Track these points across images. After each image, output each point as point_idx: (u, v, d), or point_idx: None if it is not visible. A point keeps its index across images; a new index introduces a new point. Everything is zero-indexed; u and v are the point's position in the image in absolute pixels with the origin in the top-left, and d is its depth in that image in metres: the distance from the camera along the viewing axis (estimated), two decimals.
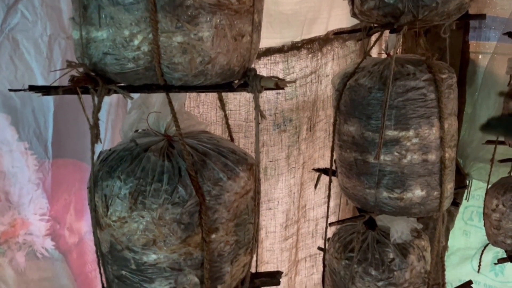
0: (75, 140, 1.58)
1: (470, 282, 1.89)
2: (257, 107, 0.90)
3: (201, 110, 1.75)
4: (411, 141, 1.35)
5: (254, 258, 1.08)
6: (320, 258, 1.88)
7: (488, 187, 2.23)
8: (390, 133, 1.35)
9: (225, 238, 0.91)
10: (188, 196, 0.84)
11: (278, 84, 0.86)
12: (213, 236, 0.88)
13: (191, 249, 0.87)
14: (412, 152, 1.36)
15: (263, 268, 2.24)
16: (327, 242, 1.72)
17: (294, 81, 1.82)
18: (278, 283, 1.07)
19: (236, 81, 0.89)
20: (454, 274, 3.10)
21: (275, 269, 2.25)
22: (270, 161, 2.03)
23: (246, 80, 0.88)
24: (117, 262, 0.90)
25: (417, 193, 1.38)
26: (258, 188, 0.99)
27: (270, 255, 2.22)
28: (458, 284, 1.87)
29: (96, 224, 0.90)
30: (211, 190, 0.87)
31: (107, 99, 1.56)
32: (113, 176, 0.86)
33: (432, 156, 1.37)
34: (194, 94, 1.71)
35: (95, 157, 0.90)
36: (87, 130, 0.86)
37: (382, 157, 1.37)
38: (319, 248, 1.82)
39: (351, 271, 1.53)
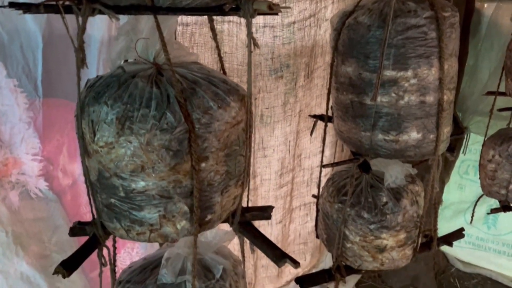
0: (66, 80, 1.54)
1: (461, 229, 1.91)
2: (249, 34, 0.86)
3: (195, 51, 1.70)
4: (409, 81, 1.31)
5: (246, 193, 1.08)
6: (314, 207, 1.89)
7: (486, 139, 2.22)
8: (388, 73, 1.32)
9: (215, 167, 0.89)
10: (176, 123, 0.82)
11: (271, 7, 0.82)
12: (203, 165, 0.87)
13: (180, 177, 0.86)
14: (409, 93, 1.33)
15: None
16: (320, 187, 1.72)
17: (289, 7, 1.76)
18: (269, 217, 1.07)
19: (227, 4, 0.84)
20: (447, 227, 3.15)
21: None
22: (266, 108, 2.00)
23: (237, 3, 0.84)
24: (105, 190, 0.89)
25: (413, 135, 1.37)
26: (250, 121, 0.97)
27: (265, 203, 2.24)
28: None
29: (84, 151, 0.88)
30: (200, 118, 0.85)
31: (97, 37, 1.51)
32: (99, 101, 0.84)
33: (430, 98, 1.34)
34: (187, 34, 1.66)
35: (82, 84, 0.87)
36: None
37: (379, 99, 1.34)
38: (314, 196, 1.82)
39: (343, 214, 1.54)
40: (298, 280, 1.59)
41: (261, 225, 2.24)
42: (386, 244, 1.54)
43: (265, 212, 1.07)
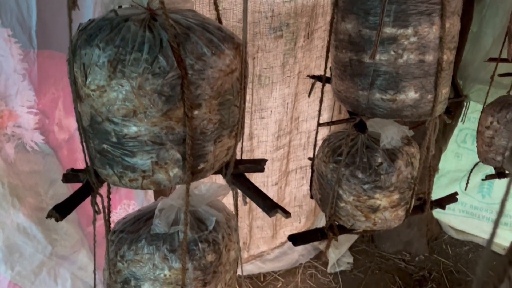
0: (61, 32, 1.52)
1: (455, 193, 1.92)
2: None
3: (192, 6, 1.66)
4: (409, 39, 1.29)
5: (239, 146, 1.08)
6: (310, 170, 1.90)
7: (485, 106, 2.20)
8: (388, 30, 1.29)
9: (208, 116, 0.89)
10: (169, 68, 0.81)
11: None
12: (196, 112, 0.86)
13: (173, 123, 0.85)
14: (409, 51, 1.31)
15: (254, 177, 2.28)
16: (316, 148, 1.72)
17: None
18: (262, 170, 1.07)
19: None
20: (442, 195, 3.19)
21: (266, 178, 2.30)
22: (265, 68, 1.98)
23: None
24: (98, 136, 0.88)
25: (411, 95, 1.35)
26: (245, 71, 0.96)
27: None
28: None
29: (76, 96, 0.88)
30: (194, 64, 0.84)
31: None
32: (91, 44, 0.82)
33: (430, 57, 1.32)
34: None
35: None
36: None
37: (377, 57, 1.33)
38: (309, 158, 1.82)
39: (338, 174, 1.55)
40: (291, 237, 1.61)
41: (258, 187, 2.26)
42: (379, 204, 1.56)
43: (258, 164, 1.07)
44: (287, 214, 0.97)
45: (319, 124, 1.56)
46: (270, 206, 0.98)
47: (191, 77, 0.83)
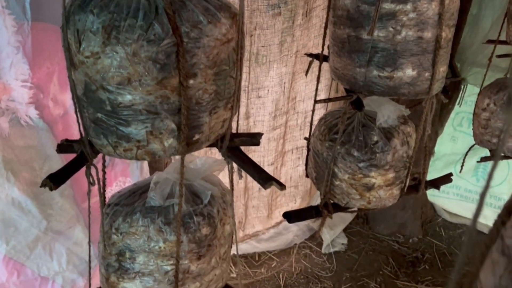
0: (55, 5, 1.49)
1: (450, 174, 1.93)
2: None
3: None
4: (408, 15, 1.28)
5: (235, 119, 1.08)
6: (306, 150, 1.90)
7: (482, 88, 2.20)
8: (387, 6, 1.28)
9: (204, 85, 0.88)
10: (164, 35, 0.80)
11: None
12: (191, 81, 0.86)
13: (168, 92, 0.84)
14: (407, 28, 1.30)
15: (250, 156, 2.27)
16: (313, 127, 1.72)
17: None
18: (257, 144, 1.07)
19: None
20: None
21: (262, 157, 2.30)
22: (262, 46, 1.96)
23: None
24: (92, 105, 0.88)
25: (408, 72, 1.35)
26: (242, 42, 0.95)
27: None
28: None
29: (70, 64, 0.87)
30: (189, 32, 0.83)
31: None
32: (85, 10, 0.81)
33: (428, 34, 1.31)
34: None
35: None
36: None
37: (375, 33, 1.32)
38: (305, 138, 1.82)
39: (333, 152, 1.55)
40: (286, 214, 1.62)
41: None
42: (374, 183, 1.56)
43: (254, 138, 1.07)
44: (281, 186, 0.97)
45: (315, 101, 1.56)
46: (265, 179, 0.98)
47: (186, 45, 0.82)
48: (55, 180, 0.93)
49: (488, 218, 3.21)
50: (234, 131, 1.09)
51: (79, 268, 1.82)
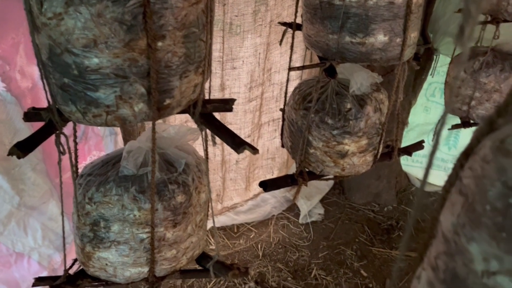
0: None
1: (421, 141, 1.97)
2: None
3: None
4: None
5: (207, 85, 1.07)
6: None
7: (454, 57, 2.23)
8: None
9: (173, 48, 0.86)
10: None
11: None
12: (160, 43, 0.84)
13: (136, 55, 0.83)
14: None
15: None
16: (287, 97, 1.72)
17: None
18: (230, 110, 1.07)
19: None
20: None
21: (239, 130, 2.30)
22: (236, 16, 1.94)
23: None
24: (58, 69, 0.85)
25: (380, 38, 1.36)
26: (211, 4, 0.93)
27: (234, 116, 2.24)
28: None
29: (33, 28, 0.84)
30: None
31: None
32: None
33: None
34: None
35: None
36: None
37: None
38: (281, 110, 1.82)
39: (308, 120, 1.56)
40: (262, 183, 1.63)
41: None
42: (348, 150, 1.58)
43: (226, 104, 1.06)
44: (254, 150, 0.98)
45: (289, 69, 1.55)
46: (238, 143, 0.99)
47: (153, 5, 0.81)
48: (23, 148, 0.91)
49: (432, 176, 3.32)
50: (206, 95, 1.08)
51: (55, 243, 1.80)
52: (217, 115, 2.07)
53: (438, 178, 3.42)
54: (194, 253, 1.27)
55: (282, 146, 1.83)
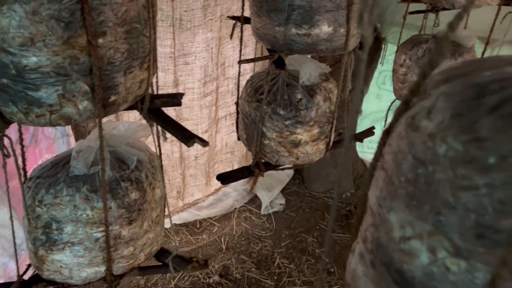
0: None
1: (372, 127, 2.05)
2: None
3: None
4: None
5: (155, 80, 1.07)
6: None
7: (399, 45, 2.32)
8: None
9: (115, 44, 0.86)
10: None
11: None
12: (100, 40, 0.84)
13: (76, 52, 0.82)
14: None
15: (184, 124, 2.26)
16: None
17: None
18: (179, 104, 1.07)
19: None
20: None
21: (196, 125, 2.30)
22: (185, 11, 1.93)
23: None
24: None
25: (324, 29, 1.40)
26: (153, 0, 0.94)
27: (190, 112, 2.24)
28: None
29: None
30: None
31: None
32: None
33: None
34: None
35: None
36: None
37: None
38: (235, 103, 1.84)
39: (261, 112, 1.59)
40: (219, 176, 1.65)
41: None
42: (300, 139, 1.62)
43: (175, 98, 1.07)
44: (204, 142, 0.99)
45: (239, 62, 1.57)
46: (187, 137, 1.00)
47: (91, 2, 0.80)
48: None
49: None
50: (155, 91, 1.09)
51: (9, 251, 1.75)
52: (172, 111, 2.07)
53: None
54: (153, 249, 1.27)
55: (238, 139, 1.85)
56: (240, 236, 2.60)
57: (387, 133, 0.50)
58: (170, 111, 2.12)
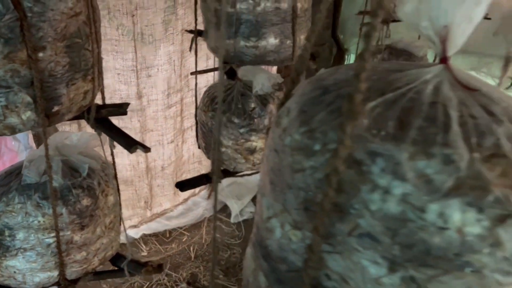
0: None
1: None
2: None
3: None
4: None
5: (101, 91, 1.13)
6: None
7: (358, 54, 2.43)
8: None
9: (55, 58, 0.92)
10: (5, 10, 0.83)
11: None
12: (40, 54, 0.90)
13: (17, 66, 0.88)
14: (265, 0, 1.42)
15: (149, 135, 2.32)
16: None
17: None
18: (124, 113, 1.13)
19: None
20: None
21: (161, 136, 2.35)
22: (146, 26, 2.00)
23: None
24: None
25: (271, 41, 1.48)
26: (94, 16, 1.00)
27: (154, 123, 2.30)
28: None
29: None
30: (32, 7, 0.86)
31: None
32: None
33: (285, 5, 1.44)
34: None
35: None
36: None
37: (238, 6, 1.42)
38: (195, 113, 1.91)
39: (217, 121, 1.65)
40: (178, 184, 1.71)
41: (153, 146, 2.31)
42: (255, 146, 1.69)
43: (120, 107, 1.13)
44: (146, 149, 1.05)
45: (191, 73, 1.65)
46: (130, 143, 1.06)
47: (30, 19, 0.86)
48: None
49: None
50: (109, 101, 1.14)
51: None
52: (136, 122, 2.12)
53: None
54: (107, 254, 1.32)
55: (199, 147, 1.91)
56: (210, 245, 2.65)
57: (267, 130, 0.57)
58: (134, 122, 2.17)
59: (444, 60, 0.46)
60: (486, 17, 2.00)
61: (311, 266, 0.39)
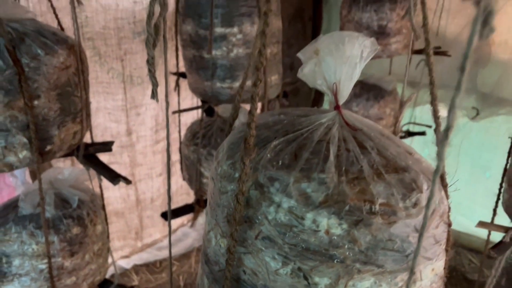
0: None
1: None
2: None
3: (53, 15, 1.81)
4: (236, 37, 1.58)
5: (89, 131, 1.28)
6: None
7: None
8: (218, 30, 1.57)
9: (48, 104, 1.08)
10: (5, 66, 0.99)
11: None
12: (36, 102, 1.05)
13: (15, 112, 1.03)
14: (237, 46, 1.60)
15: (138, 169, 2.47)
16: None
17: None
18: (110, 150, 1.28)
19: None
20: None
21: (150, 170, 2.50)
22: (134, 69, 2.18)
23: None
24: None
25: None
26: (82, 67, 1.16)
27: (143, 158, 2.44)
28: None
29: None
30: (29, 63, 1.03)
31: None
32: None
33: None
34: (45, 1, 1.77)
35: None
36: None
37: (213, 52, 1.60)
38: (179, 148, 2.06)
39: (198, 154, 1.80)
40: (163, 214, 1.84)
41: (142, 179, 2.45)
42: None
43: (106, 145, 1.28)
44: (127, 181, 1.19)
45: (173, 112, 1.81)
46: (113, 176, 1.20)
47: (27, 73, 1.02)
48: None
49: None
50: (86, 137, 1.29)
51: None
52: (126, 157, 2.26)
53: None
54: (95, 279, 1.44)
55: (183, 179, 2.05)
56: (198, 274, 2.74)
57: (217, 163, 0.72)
58: (124, 157, 2.32)
59: (337, 107, 0.61)
60: (446, 54, 2.19)
61: (231, 264, 0.53)
